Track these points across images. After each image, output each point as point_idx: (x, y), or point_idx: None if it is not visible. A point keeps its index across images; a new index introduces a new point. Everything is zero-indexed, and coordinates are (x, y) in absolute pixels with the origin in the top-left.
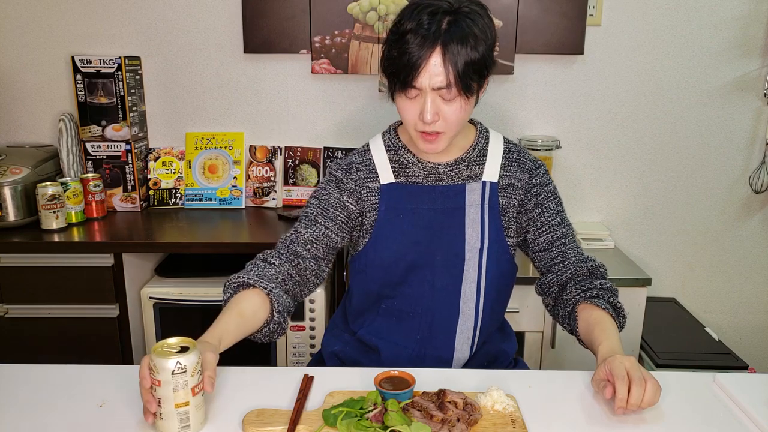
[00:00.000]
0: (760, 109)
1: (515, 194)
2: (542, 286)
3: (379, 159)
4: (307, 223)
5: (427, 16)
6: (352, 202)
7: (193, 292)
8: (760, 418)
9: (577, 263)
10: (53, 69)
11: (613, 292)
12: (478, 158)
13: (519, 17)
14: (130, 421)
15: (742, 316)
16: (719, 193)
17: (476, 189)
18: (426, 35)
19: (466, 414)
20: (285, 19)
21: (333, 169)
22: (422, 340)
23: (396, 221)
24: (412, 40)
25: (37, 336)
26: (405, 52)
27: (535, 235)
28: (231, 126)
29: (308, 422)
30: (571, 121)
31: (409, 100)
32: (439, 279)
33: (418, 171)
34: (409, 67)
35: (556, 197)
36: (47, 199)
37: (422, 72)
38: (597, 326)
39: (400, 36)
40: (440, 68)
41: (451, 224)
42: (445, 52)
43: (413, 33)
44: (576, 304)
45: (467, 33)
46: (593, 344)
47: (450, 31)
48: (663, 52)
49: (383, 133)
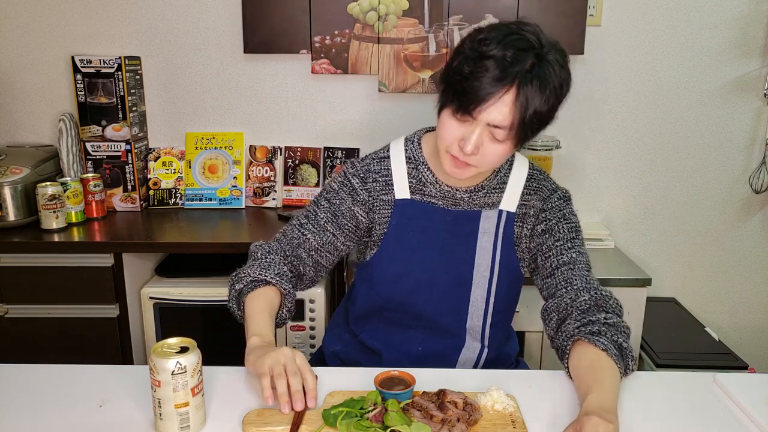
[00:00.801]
0: (760, 109)
1: (527, 223)
2: (543, 313)
3: (397, 171)
4: (316, 228)
5: (513, 50)
6: (362, 213)
7: (193, 292)
8: (760, 418)
9: (580, 290)
10: (53, 69)
11: (621, 329)
12: (498, 186)
13: (519, 17)
14: (130, 421)
15: (742, 316)
16: (719, 193)
17: (492, 217)
18: (507, 69)
19: (466, 414)
20: (285, 19)
21: (349, 173)
22: (425, 350)
23: (405, 237)
24: (491, 68)
25: (37, 336)
26: (478, 78)
27: (542, 261)
28: (231, 126)
29: (308, 422)
30: (571, 121)
31: (457, 121)
32: (444, 301)
33: (435, 192)
34: (477, 96)
35: (569, 222)
36: (47, 199)
37: (488, 107)
38: (590, 372)
39: (479, 56)
40: (507, 108)
41: (462, 249)
42: (518, 94)
43: (495, 61)
44: (574, 342)
45: (547, 83)
46: (581, 393)
47: (531, 74)
48: (663, 52)
49: (406, 140)
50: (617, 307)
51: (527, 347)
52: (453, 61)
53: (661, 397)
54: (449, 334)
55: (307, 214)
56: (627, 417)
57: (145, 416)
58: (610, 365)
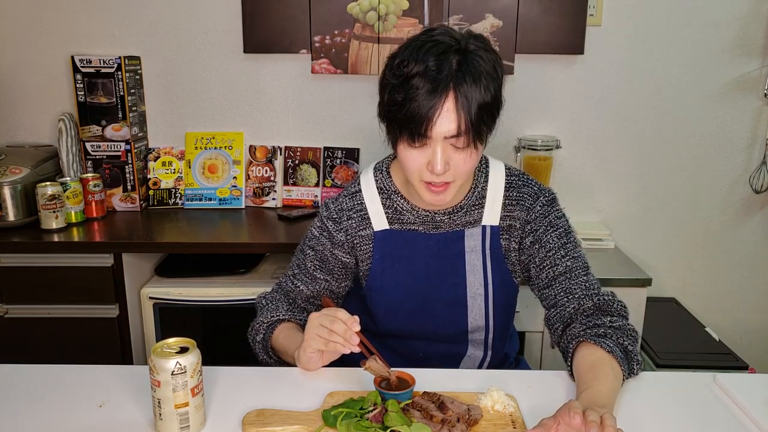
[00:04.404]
0: (760, 109)
1: (514, 236)
2: (547, 322)
3: (371, 204)
4: (307, 278)
5: (434, 58)
6: (345, 254)
7: (193, 292)
8: (760, 418)
9: (582, 298)
10: (53, 69)
11: (626, 332)
12: (478, 202)
13: (519, 17)
14: (130, 421)
15: (742, 316)
16: (719, 193)
17: (476, 234)
18: (437, 79)
19: (466, 414)
20: (285, 19)
21: (324, 216)
22: (426, 356)
23: (390, 270)
24: (421, 86)
25: (37, 336)
26: (413, 99)
27: (537, 272)
28: (231, 126)
29: (308, 422)
30: (571, 121)
31: (415, 149)
32: (441, 326)
33: (413, 218)
34: (419, 116)
35: (558, 228)
36: (47, 199)
37: (436, 121)
38: (591, 371)
39: (404, 80)
40: (453, 115)
41: (451, 272)
42: (457, 97)
43: (421, 77)
44: (578, 343)
45: (479, 73)
46: (579, 391)
47: (462, 72)
48: (663, 52)
49: (375, 170)
50: (622, 309)
51: (527, 347)
52: (383, 95)
53: (661, 397)
54: (451, 344)
55: (297, 263)
56: (627, 417)
57: (145, 416)
58: (614, 366)
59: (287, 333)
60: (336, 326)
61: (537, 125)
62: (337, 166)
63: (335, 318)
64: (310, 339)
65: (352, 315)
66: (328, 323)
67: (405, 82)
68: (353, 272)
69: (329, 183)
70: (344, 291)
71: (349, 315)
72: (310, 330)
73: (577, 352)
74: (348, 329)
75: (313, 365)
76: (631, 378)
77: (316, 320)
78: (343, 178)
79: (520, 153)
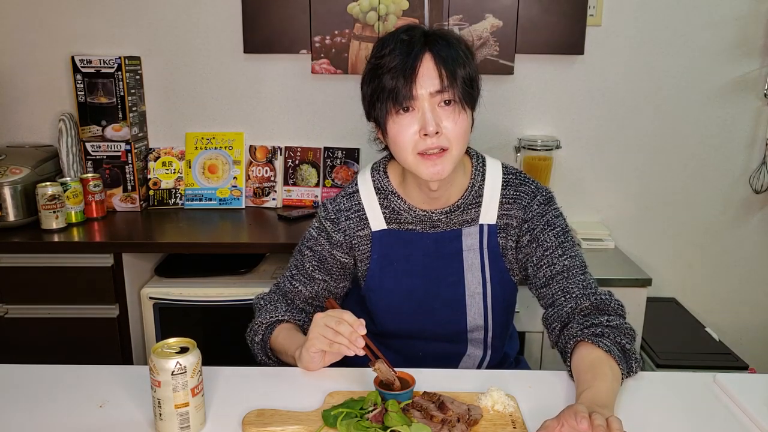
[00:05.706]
0: (760, 109)
1: (511, 234)
2: (544, 322)
3: (369, 204)
4: (305, 278)
5: (405, 33)
6: (343, 255)
7: (193, 292)
8: (760, 418)
9: (579, 297)
10: (53, 69)
11: (624, 331)
12: (475, 201)
13: (519, 17)
14: (130, 422)
15: (742, 316)
16: (719, 193)
17: (473, 233)
18: (410, 44)
19: (466, 414)
20: (285, 19)
21: (322, 217)
22: (426, 356)
23: (388, 270)
24: (397, 55)
25: (37, 336)
26: (394, 68)
27: (534, 271)
28: (231, 126)
29: (308, 422)
30: (571, 121)
31: (405, 117)
32: (440, 325)
33: (411, 218)
34: (404, 77)
35: (555, 227)
36: (47, 199)
37: (417, 78)
38: (590, 371)
39: (379, 59)
40: (434, 71)
41: (449, 271)
42: (434, 56)
43: (395, 50)
44: (576, 343)
45: (448, 37)
46: (579, 391)
47: (432, 36)
48: (663, 52)
49: (372, 170)
50: (619, 308)
51: (527, 347)
52: (366, 88)
53: (661, 397)
54: (451, 343)
55: (296, 263)
56: (627, 417)
57: (145, 416)
58: (612, 365)
59: (286, 333)
60: (342, 328)
61: (537, 125)
62: (338, 166)
63: (341, 319)
64: (315, 339)
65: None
66: (334, 324)
67: (380, 60)
68: (351, 273)
69: (329, 183)
70: (342, 291)
71: (356, 318)
72: (314, 330)
73: (576, 351)
74: (354, 332)
75: (314, 365)
76: (630, 377)
77: (321, 320)
78: (343, 178)
79: (520, 153)
